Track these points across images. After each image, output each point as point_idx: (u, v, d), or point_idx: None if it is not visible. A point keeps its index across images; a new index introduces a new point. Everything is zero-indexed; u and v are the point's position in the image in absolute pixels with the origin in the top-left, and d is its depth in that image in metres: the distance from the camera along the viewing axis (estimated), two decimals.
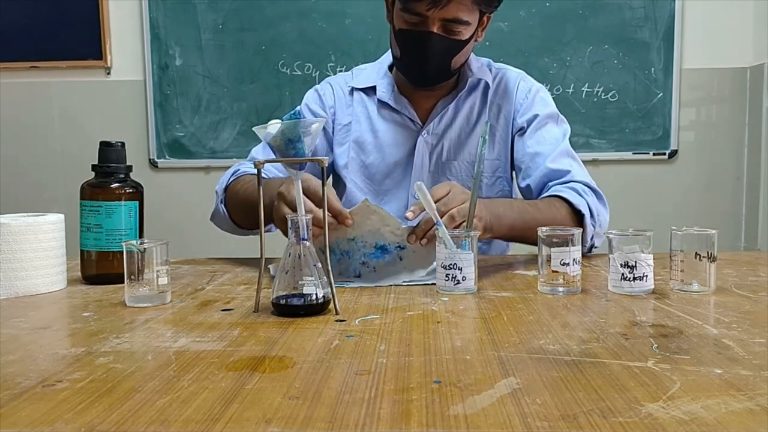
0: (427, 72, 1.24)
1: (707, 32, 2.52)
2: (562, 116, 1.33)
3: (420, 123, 1.31)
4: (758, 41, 2.49)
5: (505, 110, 1.32)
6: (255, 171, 1.22)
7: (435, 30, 1.16)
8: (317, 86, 1.40)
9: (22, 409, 0.48)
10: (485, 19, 1.24)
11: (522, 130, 1.31)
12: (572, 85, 2.54)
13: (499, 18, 2.50)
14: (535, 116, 1.29)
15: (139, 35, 2.56)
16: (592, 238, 1.16)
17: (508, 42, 2.52)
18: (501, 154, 1.33)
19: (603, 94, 2.54)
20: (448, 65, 1.23)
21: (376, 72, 1.36)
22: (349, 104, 1.35)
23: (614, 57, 2.52)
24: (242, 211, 1.20)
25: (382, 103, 1.32)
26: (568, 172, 1.23)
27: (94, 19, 2.55)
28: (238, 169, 1.27)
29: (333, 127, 1.36)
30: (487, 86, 1.32)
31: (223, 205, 1.24)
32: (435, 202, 0.91)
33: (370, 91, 1.35)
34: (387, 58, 1.36)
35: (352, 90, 1.36)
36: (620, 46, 2.51)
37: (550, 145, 1.27)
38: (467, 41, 1.21)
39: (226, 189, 1.25)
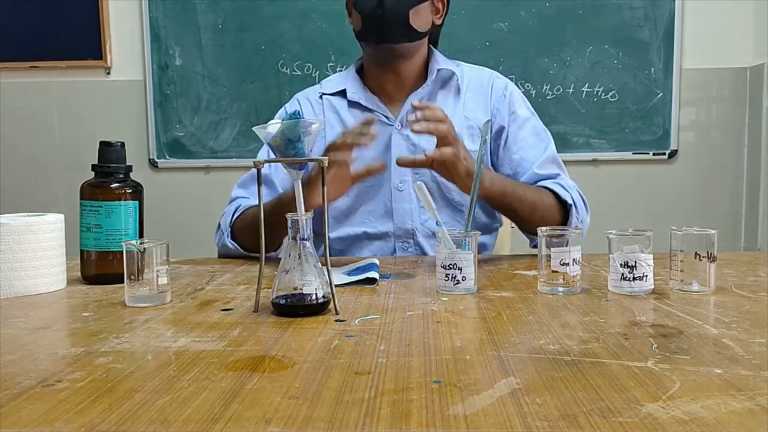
0: (384, 20, 1.22)
1: (707, 32, 2.52)
2: (540, 122, 1.34)
3: (393, 118, 1.32)
4: (758, 41, 2.48)
5: (482, 108, 1.32)
6: (254, 203, 1.23)
7: None
8: (285, 105, 1.42)
9: (22, 409, 0.48)
10: (440, 4, 1.29)
11: (503, 133, 1.31)
12: (572, 85, 2.53)
13: (499, 18, 2.50)
14: (515, 118, 1.31)
15: (139, 35, 2.56)
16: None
17: (508, 42, 2.52)
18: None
19: (603, 94, 2.53)
20: (405, 15, 1.22)
21: (344, 77, 1.37)
22: (319, 112, 1.36)
23: (614, 57, 2.52)
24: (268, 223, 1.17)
25: (352, 103, 1.33)
26: (557, 175, 1.27)
27: (94, 19, 2.54)
28: (240, 205, 1.26)
29: None
30: (458, 81, 1.33)
31: (230, 239, 1.22)
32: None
33: (339, 95, 1.35)
34: (355, 64, 1.38)
35: (321, 96, 1.37)
36: (620, 46, 2.51)
37: (534, 149, 1.28)
38: None
39: (232, 226, 1.23)
